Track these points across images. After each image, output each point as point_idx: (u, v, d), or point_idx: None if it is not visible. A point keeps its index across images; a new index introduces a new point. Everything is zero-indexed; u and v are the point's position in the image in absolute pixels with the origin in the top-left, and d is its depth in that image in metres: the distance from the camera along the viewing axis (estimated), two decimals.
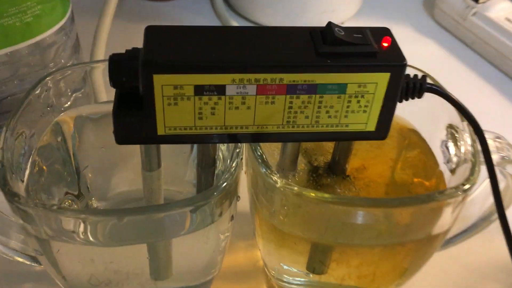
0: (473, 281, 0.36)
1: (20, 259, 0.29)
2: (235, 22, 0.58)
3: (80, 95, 0.35)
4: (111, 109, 0.22)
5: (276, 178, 0.23)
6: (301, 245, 0.27)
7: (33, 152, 0.28)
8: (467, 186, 0.24)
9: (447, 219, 0.25)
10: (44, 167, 0.29)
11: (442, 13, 0.59)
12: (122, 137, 0.23)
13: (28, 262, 0.30)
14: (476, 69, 0.55)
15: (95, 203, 0.32)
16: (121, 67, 0.21)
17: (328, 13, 0.56)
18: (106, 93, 0.35)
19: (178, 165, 0.33)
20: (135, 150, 0.25)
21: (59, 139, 0.30)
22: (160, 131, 0.23)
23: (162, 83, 0.21)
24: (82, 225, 0.24)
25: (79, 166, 0.31)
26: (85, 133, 0.31)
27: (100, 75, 0.32)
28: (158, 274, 0.28)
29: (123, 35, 0.54)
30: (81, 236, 0.24)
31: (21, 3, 0.34)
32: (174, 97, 0.22)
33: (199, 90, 0.22)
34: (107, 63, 0.21)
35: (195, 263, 0.29)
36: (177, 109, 0.22)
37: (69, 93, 0.34)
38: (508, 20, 0.54)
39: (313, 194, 0.23)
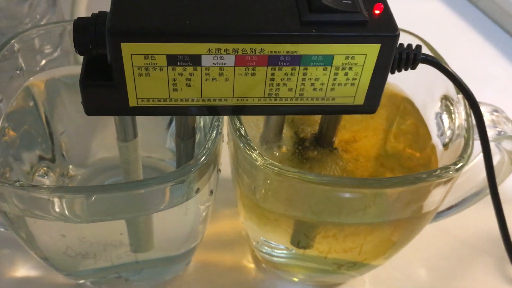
0: (463, 253, 0.35)
1: None
2: None
3: (56, 54, 0.33)
4: None
5: (255, 156, 0.22)
6: (284, 222, 0.26)
7: (2, 118, 0.26)
8: (459, 165, 0.23)
9: (437, 198, 0.24)
10: (14, 133, 0.27)
11: None
12: (92, 108, 0.22)
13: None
14: (479, 27, 0.53)
15: (73, 171, 0.31)
16: (86, 34, 0.20)
17: None
18: None
19: (158, 132, 0.32)
20: None
21: (30, 104, 0.28)
22: (132, 102, 0.21)
23: (131, 52, 0.20)
24: (57, 201, 0.22)
25: (53, 132, 0.29)
26: (59, 98, 0.29)
27: None
28: (139, 247, 0.27)
29: None
30: (56, 213, 0.23)
31: None
32: (146, 67, 0.20)
33: (172, 60, 0.20)
34: None
35: (175, 234, 0.28)
36: (149, 80, 0.21)
37: (50, 50, 0.33)
38: None
39: (295, 174, 0.21)
